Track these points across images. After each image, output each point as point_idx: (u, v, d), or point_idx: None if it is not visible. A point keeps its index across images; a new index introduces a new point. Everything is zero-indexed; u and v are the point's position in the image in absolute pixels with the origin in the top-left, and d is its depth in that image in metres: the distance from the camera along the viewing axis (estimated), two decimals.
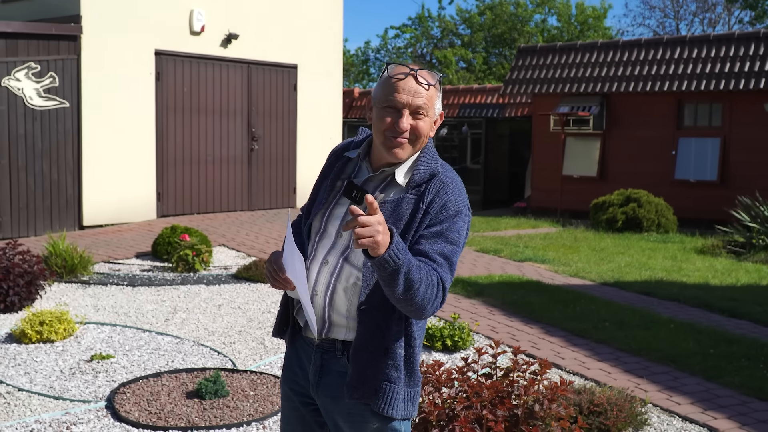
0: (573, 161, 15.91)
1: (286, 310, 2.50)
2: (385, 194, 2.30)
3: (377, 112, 2.28)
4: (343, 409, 2.34)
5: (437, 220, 2.24)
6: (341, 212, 2.33)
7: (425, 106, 2.25)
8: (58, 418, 4.54)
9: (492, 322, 6.94)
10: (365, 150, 2.38)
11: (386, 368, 2.29)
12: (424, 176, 2.28)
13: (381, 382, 2.28)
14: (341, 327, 2.33)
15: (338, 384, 2.33)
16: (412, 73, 2.24)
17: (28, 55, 10.88)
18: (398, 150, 2.26)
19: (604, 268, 9.62)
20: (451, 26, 37.83)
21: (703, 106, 14.65)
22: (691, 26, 37.16)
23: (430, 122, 2.29)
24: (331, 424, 2.41)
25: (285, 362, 2.54)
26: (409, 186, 2.29)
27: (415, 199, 2.25)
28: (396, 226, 2.22)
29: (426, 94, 2.25)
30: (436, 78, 2.28)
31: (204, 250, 8.92)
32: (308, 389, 2.43)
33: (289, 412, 2.52)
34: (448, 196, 2.26)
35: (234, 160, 13.43)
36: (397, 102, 2.23)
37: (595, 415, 4.43)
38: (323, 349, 2.37)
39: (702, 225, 13.84)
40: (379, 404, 2.29)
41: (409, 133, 2.25)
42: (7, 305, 6.88)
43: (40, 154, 11.05)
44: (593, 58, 15.82)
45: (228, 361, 5.71)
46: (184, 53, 12.62)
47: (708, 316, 7.36)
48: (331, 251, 2.32)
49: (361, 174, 2.37)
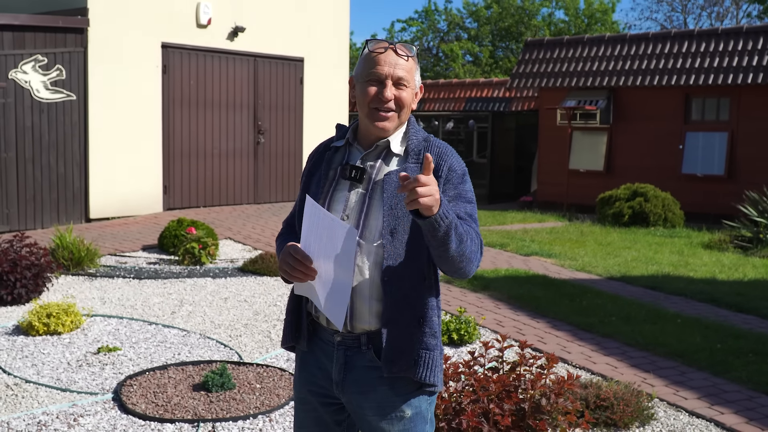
0: (579, 155, 15.88)
1: (296, 317, 2.47)
2: (386, 166, 2.35)
3: (360, 87, 2.35)
4: (373, 403, 2.34)
5: (451, 183, 2.31)
6: (342, 196, 2.35)
7: (406, 77, 2.32)
8: (65, 410, 4.56)
9: (498, 316, 6.93)
10: (352, 135, 2.43)
11: (423, 336, 2.32)
12: (419, 142, 2.37)
13: (419, 350, 2.31)
14: (364, 313, 2.32)
15: (366, 378, 2.34)
16: (391, 47, 2.32)
17: (35, 48, 10.89)
18: (385, 122, 2.32)
19: (610, 263, 9.60)
20: (457, 20, 37.76)
21: (711, 100, 14.60)
22: (699, 20, 37.03)
23: (412, 93, 2.36)
24: (361, 420, 2.39)
25: (299, 364, 2.50)
26: (406, 154, 2.36)
27: (419, 166, 2.32)
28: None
29: (406, 65, 2.32)
30: (414, 50, 2.36)
31: (210, 243, 8.93)
32: (329, 389, 2.41)
33: (305, 414, 2.49)
34: (451, 159, 2.34)
35: (240, 154, 13.43)
36: (380, 74, 2.30)
37: (601, 410, 4.43)
38: (346, 346, 2.36)
39: (709, 220, 13.80)
40: (420, 373, 2.32)
41: (393, 104, 2.31)
42: (14, 297, 6.90)
43: (47, 146, 11.06)
44: (600, 52, 15.77)
45: (234, 354, 5.72)
46: (191, 46, 12.62)
47: (715, 311, 7.34)
48: None
49: (353, 157, 2.40)
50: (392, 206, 2.28)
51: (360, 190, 2.34)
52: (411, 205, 2.03)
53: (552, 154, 16.27)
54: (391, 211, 2.27)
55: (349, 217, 2.32)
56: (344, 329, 2.34)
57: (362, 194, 2.33)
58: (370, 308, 2.31)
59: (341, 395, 2.39)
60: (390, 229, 2.27)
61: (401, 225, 2.28)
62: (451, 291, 7.86)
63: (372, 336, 2.34)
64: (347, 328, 2.33)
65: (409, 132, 2.40)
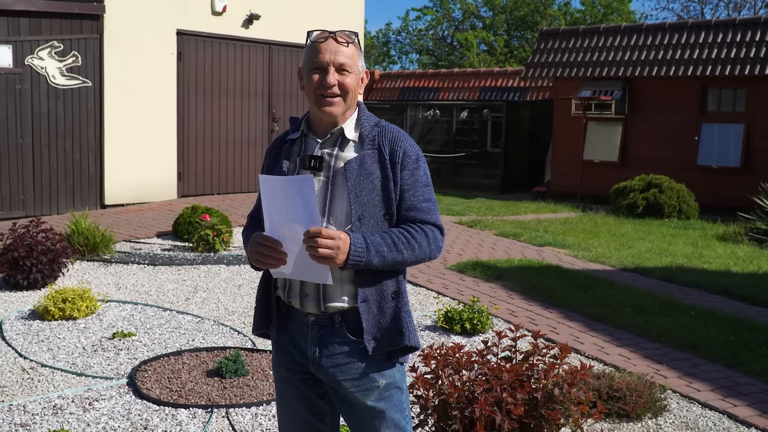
0: (594, 146, 15.81)
1: (265, 305, 2.58)
2: (344, 153, 2.43)
3: (306, 76, 2.44)
4: (348, 376, 2.44)
5: (407, 169, 2.43)
6: None
7: (348, 63, 2.41)
8: (80, 394, 4.60)
9: (511, 306, 6.93)
10: (306, 126, 2.51)
11: (404, 305, 2.46)
12: (371, 128, 2.46)
13: (404, 318, 2.45)
14: (337, 294, 2.41)
15: (341, 353, 2.44)
16: (331, 36, 2.41)
17: (51, 34, 10.93)
18: (331, 107, 2.40)
19: (624, 254, 9.57)
20: (472, 8, 37.59)
21: (727, 92, 14.48)
22: (716, 10, 36.71)
23: (356, 78, 2.44)
24: (338, 394, 2.49)
25: (275, 347, 2.60)
26: (361, 140, 2.45)
27: (376, 152, 2.43)
28: (369, 180, 2.39)
29: (347, 51, 2.41)
30: (354, 37, 2.45)
31: (224, 231, 8.97)
32: (306, 366, 2.50)
33: (287, 392, 2.58)
34: (404, 144, 2.44)
35: (254, 141, 13.46)
36: (322, 61, 2.40)
37: (614, 400, 4.43)
38: (320, 325, 2.46)
39: (724, 211, 13.71)
40: (407, 337, 2.45)
41: (338, 89, 2.39)
42: (30, 282, 6.96)
43: (63, 133, 11.12)
44: (616, 42, 15.67)
45: (248, 341, 5.75)
46: (206, 33, 12.63)
47: (729, 303, 7.31)
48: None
49: (309, 147, 2.48)
50: (357, 193, 2.37)
51: (321, 178, 2.42)
52: (311, 256, 2.23)
53: (566, 144, 16.20)
54: (357, 198, 2.37)
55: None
56: (318, 310, 2.43)
57: (324, 181, 2.41)
58: (343, 290, 2.41)
59: (318, 372, 2.48)
60: (358, 216, 2.37)
61: (367, 211, 2.38)
62: (464, 280, 7.86)
63: (345, 314, 2.44)
64: (321, 309, 2.43)
65: (360, 118, 2.48)
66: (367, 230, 2.37)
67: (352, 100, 2.45)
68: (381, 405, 2.46)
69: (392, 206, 2.41)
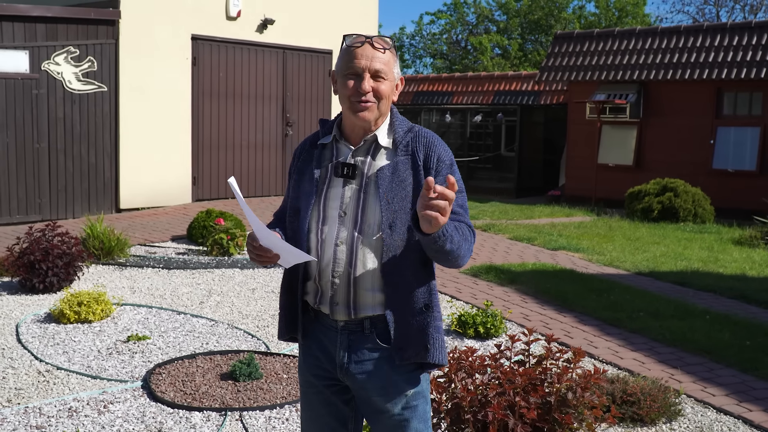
0: (609, 150, 15.75)
1: (291, 310, 2.54)
2: (377, 160, 2.39)
3: (341, 81, 2.40)
4: (376, 383, 2.41)
5: (441, 174, 2.37)
6: (336, 193, 2.40)
7: (384, 70, 2.36)
8: (95, 397, 4.63)
9: (525, 310, 6.92)
10: (338, 131, 2.47)
11: (433, 320, 2.41)
12: (405, 133, 2.42)
13: (432, 334, 2.40)
14: (368, 303, 2.39)
15: (370, 360, 2.41)
16: (368, 40, 2.36)
17: (67, 40, 11.02)
18: (365, 112, 2.36)
19: (639, 258, 9.53)
20: (486, 12, 37.58)
21: (743, 95, 14.40)
22: (732, 13, 36.50)
23: (391, 85, 2.40)
24: (364, 401, 2.47)
25: (302, 351, 2.57)
26: (394, 146, 2.40)
27: (409, 158, 2.38)
28: (401, 187, 2.34)
29: (383, 58, 2.37)
30: (390, 43, 2.41)
31: (238, 235, 9.00)
32: (333, 372, 2.47)
33: (312, 398, 2.55)
34: (438, 149, 2.40)
35: (269, 145, 13.50)
36: (357, 67, 2.35)
37: (628, 405, 4.41)
38: (349, 330, 2.43)
39: (740, 215, 13.63)
40: (432, 355, 2.40)
41: (372, 96, 2.35)
42: (46, 286, 7.01)
43: (79, 137, 11.20)
44: (631, 45, 15.62)
45: (261, 344, 5.76)
46: (221, 38, 12.69)
47: (745, 307, 7.27)
48: (340, 232, 2.37)
49: (342, 154, 2.44)
50: (389, 201, 2.33)
51: (354, 185, 2.38)
52: (425, 217, 2.07)
53: (581, 148, 16.16)
54: (388, 206, 2.33)
55: (346, 213, 2.37)
56: (348, 317, 2.40)
57: (356, 190, 2.38)
58: (374, 298, 2.38)
59: (345, 378, 2.45)
60: (389, 222, 2.32)
61: (399, 218, 2.33)
62: (477, 284, 7.85)
63: (375, 320, 2.41)
64: (351, 316, 2.39)
65: (394, 123, 2.44)
66: (399, 238, 2.33)
67: (386, 106, 2.41)
68: (407, 414, 2.44)
69: None
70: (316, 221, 2.41)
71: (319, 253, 2.39)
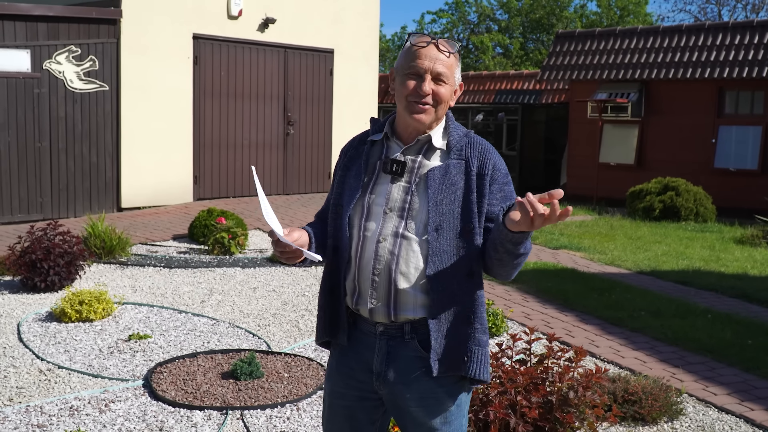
0: (610, 149, 15.75)
1: (331, 312, 2.44)
2: (428, 161, 2.34)
3: (400, 80, 2.34)
4: (416, 394, 2.32)
5: (497, 184, 2.33)
6: (383, 190, 2.34)
7: (446, 74, 2.31)
8: (96, 396, 4.63)
9: (526, 309, 6.92)
10: (390, 130, 2.42)
11: (475, 333, 2.33)
12: (460, 138, 2.37)
13: (471, 347, 2.32)
14: (409, 304, 2.30)
15: (410, 368, 2.32)
16: (433, 42, 2.31)
17: (69, 39, 11.02)
18: (422, 115, 2.31)
19: (640, 257, 9.53)
20: (488, 11, 37.57)
21: (745, 94, 14.39)
22: (734, 12, 36.47)
23: (451, 90, 2.35)
24: (401, 411, 2.37)
25: (337, 358, 2.46)
26: (448, 149, 2.35)
27: (463, 163, 2.32)
28: (451, 190, 2.29)
29: (446, 61, 2.31)
30: (456, 47, 2.34)
31: (240, 234, 9.00)
32: (368, 383, 2.38)
33: (337, 410, 2.45)
34: (494, 158, 2.35)
35: (270, 145, 13.50)
36: (419, 68, 2.29)
37: (629, 404, 4.41)
38: (389, 336, 2.34)
39: (741, 214, 13.62)
40: (472, 369, 2.32)
41: (431, 98, 2.30)
42: (47, 284, 7.01)
43: (80, 136, 11.20)
44: (632, 44, 15.61)
45: (263, 343, 5.76)
46: (222, 37, 12.69)
47: (746, 306, 7.26)
48: (384, 228, 2.30)
49: (392, 151, 2.38)
50: (437, 202, 2.27)
51: (402, 183, 2.33)
52: (529, 226, 2.07)
53: (582, 147, 16.15)
54: (436, 208, 2.27)
55: (392, 210, 2.31)
56: (387, 319, 2.32)
57: (405, 188, 2.32)
58: (415, 299, 2.30)
59: (382, 387, 2.36)
60: (435, 225, 2.26)
61: (446, 221, 2.27)
62: None
63: (416, 325, 2.32)
64: (390, 318, 2.31)
65: (449, 127, 2.39)
66: (445, 242, 2.26)
67: (443, 111, 2.36)
68: (445, 429, 2.35)
69: (472, 219, 2.28)
70: (359, 216, 2.35)
71: (359, 249, 2.33)
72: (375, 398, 2.40)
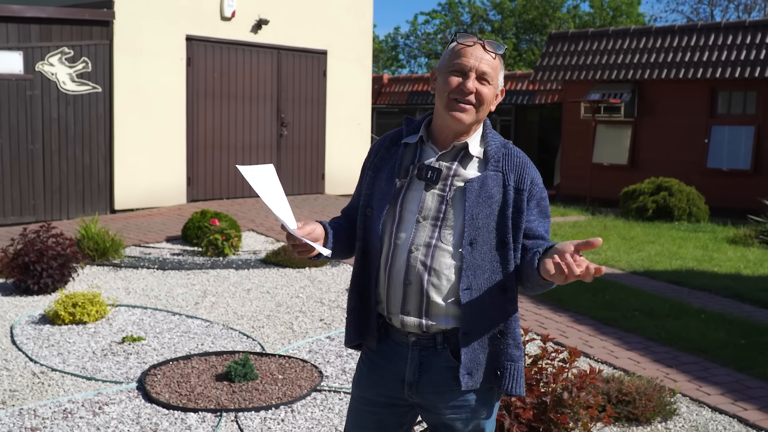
0: (603, 149, 15.78)
1: (362, 315, 2.40)
2: (465, 169, 2.29)
3: (443, 77, 2.29)
4: (449, 403, 2.31)
5: (534, 199, 2.30)
6: (416, 197, 2.29)
7: (490, 74, 2.27)
8: (90, 398, 4.62)
9: (520, 309, 6.88)
10: (425, 133, 2.35)
11: (507, 348, 2.31)
12: (498, 148, 2.32)
13: (504, 362, 2.30)
14: (441, 313, 2.27)
15: (443, 379, 2.30)
16: (479, 42, 2.28)
17: (61, 40, 10.99)
18: (462, 114, 2.26)
19: (633, 257, 9.55)
20: (481, 12, 37.61)
21: (737, 94, 14.44)
22: (726, 12, 36.60)
23: (494, 92, 2.31)
24: (433, 418, 2.37)
25: (368, 365, 2.43)
26: (485, 159, 2.31)
27: (500, 175, 2.28)
28: (488, 204, 2.24)
29: (492, 62, 2.28)
30: (503, 48, 2.31)
31: (233, 235, 8.99)
32: (399, 391, 2.35)
33: (365, 415, 2.42)
34: (532, 172, 2.32)
35: (263, 146, 13.48)
36: (464, 65, 2.25)
37: (623, 404, 4.42)
38: (421, 346, 2.31)
39: (734, 214, 13.66)
40: (506, 384, 2.31)
41: (474, 97, 2.26)
42: (40, 287, 6.99)
43: (73, 138, 11.17)
44: (625, 45, 15.65)
45: (257, 345, 5.76)
46: (215, 39, 12.67)
47: (739, 306, 7.28)
48: (416, 238, 2.26)
49: (426, 156, 2.32)
50: (473, 216, 2.23)
51: (436, 191, 2.28)
52: (562, 282, 2.09)
53: (575, 147, 16.19)
54: (472, 221, 2.22)
55: (425, 218, 2.27)
56: (420, 330, 2.29)
57: (439, 196, 2.27)
58: (447, 309, 2.27)
59: (414, 396, 2.34)
60: (470, 239, 2.23)
61: (481, 236, 2.23)
62: None
63: (448, 335, 2.29)
64: (423, 328, 2.28)
65: (486, 135, 2.34)
66: (479, 256, 2.23)
67: (484, 113, 2.30)
68: None
69: (507, 234, 2.25)
70: (390, 223, 2.30)
71: (390, 257, 2.29)
72: (404, 404, 2.39)
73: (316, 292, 7.41)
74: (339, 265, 8.61)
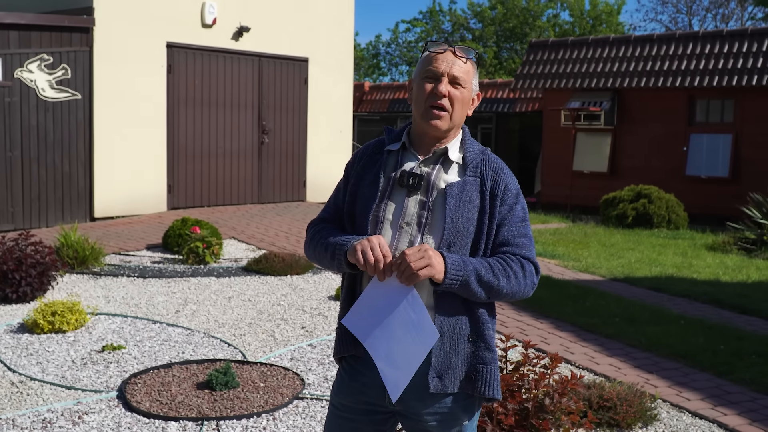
0: (583, 156, 15.88)
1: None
2: (445, 174, 2.34)
3: (418, 85, 2.36)
4: (431, 409, 2.33)
5: (507, 203, 2.34)
6: (399, 203, 2.32)
7: (463, 78, 2.33)
8: (70, 408, 4.57)
9: (501, 316, 6.94)
10: (407, 140, 2.40)
11: (479, 351, 2.33)
12: (476, 155, 2.37)
13: (476, 365, 2.33)
14: None
15: (423, 384, 2.31)
16: (450, 48, 2.34)
17: (40, 47, 10.92)
18: (438, 121, 2.31)
19: (614, 264, 9.60)
20: (462, 20, 37.77)
21: (715, 102, 14.59)
22: (704, 22, 36.98)
23: (468, 96, 2.36)
24: (414, 429, 2.39)
25: (349, 373, 2.43)
26: (464, 165, 2.36)
27: (478, 181, 2.33)
28: (467, 208, 2.28)
29: (463, 66, 2.34)
30: (473, 52, 2.37)
31: (214, 243, 8.95)
32: (379, 399, 2.36)
33: (343, 423, 2.44)
34: (507, 177, 2.36)
35: (244, 153, 13.45)
36: (436, 71, 2.32)
37: (604, 410, 4.44)
38: None
39: (713, 221, 13.79)
40: (479, 387, 2.33)
41: (447, 102, 2.31)
42: (19, 295, 6.93)
43: (52, 145, 11.09)
44: (605, 53, 15.77)
45: (238, 353, 5.73)
46: (196, 46, 12.65)
47: (718, 312, 7.34)
48: (399, 243, 2.29)
49: (408, 163, 2.37)
50: (454, 219, 2.26)
51: (419, 197, 2.31)
52: (410, 280, 2.16)
53: (556, 155, 16.28)
54: (452, 225, 2.26)
55: (408, 224, 2.29)
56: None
57: (422, 202, 2.30)
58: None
59: (395, 403, 2.34)
60: (448, 242, 2.26)
61: (459, 239, 2.27)
62: None
63: None
64: None
65: (465, 142, 2.39)
66: None
67: (459, 118, 2.35)
68: None
69: (481, 239, 2.29)
70: (373, 229, 2.32)
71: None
72: (384, 412, 2.40)
73: (298, 299, 7.40)
74: (320, 272, 8.59)
